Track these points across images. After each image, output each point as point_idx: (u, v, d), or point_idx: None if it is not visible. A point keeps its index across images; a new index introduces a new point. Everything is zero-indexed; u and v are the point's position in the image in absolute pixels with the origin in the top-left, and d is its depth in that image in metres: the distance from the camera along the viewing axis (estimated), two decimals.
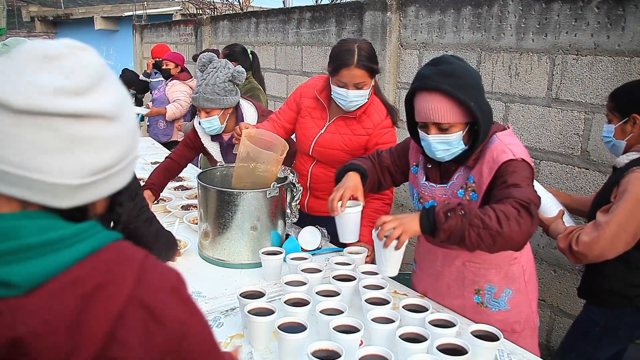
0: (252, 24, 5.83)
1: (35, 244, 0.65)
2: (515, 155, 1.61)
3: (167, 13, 12.60)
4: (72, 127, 0.67)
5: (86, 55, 0.72)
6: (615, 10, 2.56)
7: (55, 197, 0.68)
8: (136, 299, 0.68)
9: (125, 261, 0.70)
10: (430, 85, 1.59)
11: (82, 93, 0.68)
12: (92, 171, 0.70)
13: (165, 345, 0.69)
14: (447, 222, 1.46)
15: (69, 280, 0.65)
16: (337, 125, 2.39)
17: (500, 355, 1.58)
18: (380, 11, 3.95)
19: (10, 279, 0.62)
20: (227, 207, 2.08)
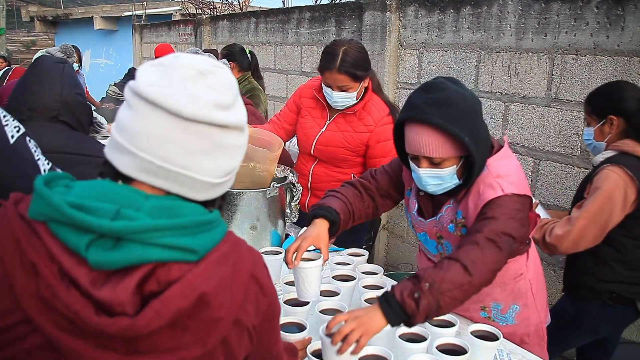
0: (251, 24, 5.83)
1: (203, 222, 0.79)
2: (505, 191, 1.46)
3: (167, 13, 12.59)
4: (220, 135, 0.81)
5: (226, 73, 0.85)
6: (615, 10, 2.56)
7: (196, 191, 0.82)
8: (253, 275, 0.85)
9: (241, 243, 0.87)
10: (421, 117, 1.43)
11: (229, 107, 0.82)
12: (225, 173, 0.85)
13: (267, 311, 0.87)
14: (420, 305, 1.28)
15: (220, 254, 0.80)
16: (338, 122, 2.39)
17: (500, 355, 1.58)
18: (379, 11, 3.95)
19: (194, 246, 0.76)
20: (226, 207, 2.08)
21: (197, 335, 0.76)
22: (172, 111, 0.77)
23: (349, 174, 2.45)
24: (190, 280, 0.75)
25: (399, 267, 3.95)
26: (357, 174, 2.46)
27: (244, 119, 0.85)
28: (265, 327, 0.88)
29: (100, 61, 14.28)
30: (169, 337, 0.75)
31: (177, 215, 0.77)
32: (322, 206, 1.68)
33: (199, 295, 0.75)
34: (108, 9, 14.10)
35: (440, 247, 1.71)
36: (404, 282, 1.34)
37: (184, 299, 0.74)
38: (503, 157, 1.56)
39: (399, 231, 4.03)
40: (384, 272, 1.98)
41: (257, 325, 0.86)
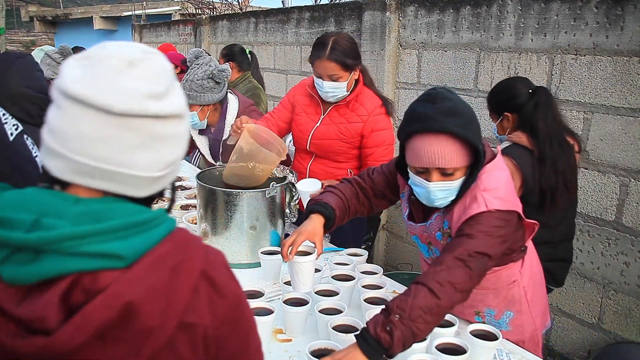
0: (251, 23, 5.83)
1: (134, 223, 0.73)
2: (488, 207, 1.44)
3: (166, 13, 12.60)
4: (156, 127, 0.76)
5: (158, 60, 0.80)
6: (614, 10, 2.56)
7: (137, 188, 0.78)
8: (205, 274, 0.79)
9: (192, 242, 0.81)
10: (436, 127, 1.39)
11: (163, 96, 0.77)
12: (167, 164, 0.80)
13: (225, 314, 0.81)
14: (394, 337, 1.28)
15: (158, 256, 0.74)
16: (331, 116, 2.42)
17: (499, 355, 1.58)
18: (379, 11, 3.95)
19: (119, 252, 0.71)
20: (226, 207, 2.08)
21: (130, 346, 0.71)
22: (101, 108, 0.72)
23: (345, 169, 2.46)
24: (116, 289, 0.69)
25: (398, 267, 3.96)
26: (354, 169, 2.47)
27: (182, 106, 0.80)
28: (225, 333, 0.81)
29: None
30: (100, 350, 0.70)
31: (106, 218, 0.72)
32: (319, 202, 1.71)
33: (125, 304, 0.69)
34: (107, 9, 14.10)
35: (430, 252, 1.71)
36: (377, 315, 1.34)
37: (107, 310, 0.68)
38: (494, 169, 1.53)
39: (399, 231, 4.04)
40: (383, 272, 1.98)
41: (217, 329, 0.80)
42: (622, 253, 2.67)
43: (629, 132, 2.57)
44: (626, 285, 2.66)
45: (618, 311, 2.72)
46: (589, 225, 2.79)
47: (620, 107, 2.59)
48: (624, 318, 2.70)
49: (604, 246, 2.74)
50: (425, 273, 1.39)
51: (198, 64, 2.68)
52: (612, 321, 2.75)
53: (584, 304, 2.87)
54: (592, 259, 2.79)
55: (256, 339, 0.91)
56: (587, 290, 2.84)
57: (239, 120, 2.38)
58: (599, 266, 2.77)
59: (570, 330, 2.95)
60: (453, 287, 1.35)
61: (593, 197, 2.76)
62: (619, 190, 2.65)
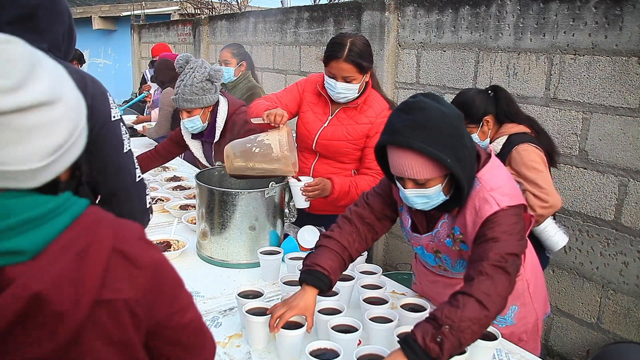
0: (250, 23, 5.83)
1: (32, 218, 0.76)
2: (500, 205, 1.46)
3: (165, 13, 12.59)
4: (19, 120, 0.75)
5: (13, 47, 0.77)
6: (613, 10, 2.57)
7: (22, 181, 0.78)
8: (116, 250, 0.83)
9: (101, 221, 0.84)
10: (402, 142, 1.41)
11: (18, 87, 0.74)
12: (48, 152, 0.78)
13: (146, 282, 0.86)
14: (444, 348, 1.29)
15: (64, 243, 0.78)
16: (340, 117, 2.40)
17: (499, 355, 1.59)
18: (378, 11, 3.95)
19: (20, 247, 0.74)
20: (225, 207, 2.08)
21: (45, 330, 0.77)
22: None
23: (349, 170, 2.45)
24: (22, 282, 0.74)
25: (397, 266, 3.96)
26: (358, 170, 2.46)
27: (46, 92, 0.77)
28: (151, 298, 0.87)
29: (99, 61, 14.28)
30: (22, 336, 0.76)
31: (4, 216, 0.75)
32: (311, 270, 1.60)
33: (32, 295, 0.74)
34: (106, 9, 14.09)
35: (438, 260, 1.71)
36: (424, 325, 1.33)
37: (17, 301, 0.74)
38: (492, 168, 1.55)
39: (398, 231, 4.04)
40: (382, 272, 1.98)
41: (141, 299, 0.85)
42: (621, 253, 2.67)
43: (627, 132, 2.57)
44: (625, 285, 2.67)
45: (617, 311, 2.72)
46: (587, 225, 2.79)
47: (619, 107, 2.59)
48: (623, 318, 2.70)
49: (603, 246, 2.74)
50: (469, 284, 1.39)
51: (192, 68, 2.67)
52: (611, 321, 2.75)
53: (583, 304, 2.88)
54: (591, 259, 2.80)
55: (185, 296, 0.96)
56: (586, 290, 2.85)
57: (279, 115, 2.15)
58: (598, 266, 2.77)
59: (569, 330, 2.95)
60: (499, 296, 1.36)
61: (592, 197, 2.76)
62: (617, 190, 2.65)
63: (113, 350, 0.85)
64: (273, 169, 2.12)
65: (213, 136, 2.78)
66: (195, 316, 0.99)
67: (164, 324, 0.91)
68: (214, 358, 1.06)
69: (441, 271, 1.77)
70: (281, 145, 2.08)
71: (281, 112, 2.16)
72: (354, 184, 2.32)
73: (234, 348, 1.59)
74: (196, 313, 0.99)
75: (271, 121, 2.14)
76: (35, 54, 0.80)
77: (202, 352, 1.01)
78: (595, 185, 2.74)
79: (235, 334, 1.66)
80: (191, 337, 0.97)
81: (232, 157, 2.14)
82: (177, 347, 0.96)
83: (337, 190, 2.28)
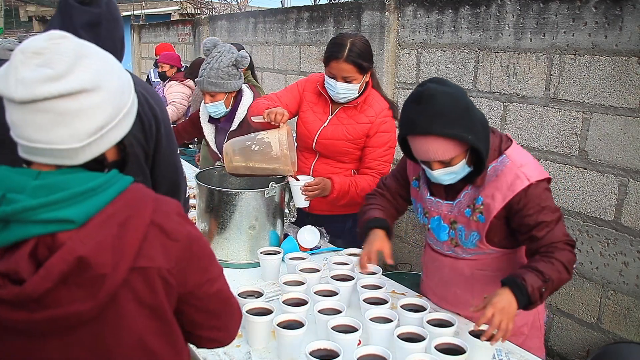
0: (250, 23, 5.83)
1: (81, 192, 0.88)
2: (530, 179, 1.60)
3: (165, 13, 12.60)
4: (63, 105, 0.86)
5: (64, 42, 0.90)
6: (613, 10, 2.57)
7: (67, 159, 0.91)
8: (154, 224, 0.93)
9: (143, 198, 0.95)
10: (421, 131, 1.53)
11: (64, 76, 0.86)
12: (88, 134, 0.90)
13: (179, 254, 0.96)
14: (542, 297, 1.55)
15: (107, 215, 0.89)
16: (340, 117, 2.40)
17: (498, 355, 1.59)
18: (378, 11, 3.95)
19: (70, 217, 0.86)
20: (225, 207, 2.08)
21: (87, 290, 0.87)
22: (8, 99, 0.86)
23: (349, 169, 2.45)
24: (69, 246, 0.85)
25: (397, 267, 3.96)
26: (358, 170, 2.46)
27: (89, 80, 0.88)
28: (183, 269, 0.97)
29: None
30: (65, 293, 0.87)
31: (59, 189, 0.87)
32: (370, 219, 1.89)
33: (77, 258, 0.85)
34: None
35: (452, 232, 1.76)
36: (532, 276, 1.54)
37: (64, 263, 0.84)
38: (517, 147, 1.70)
39: (398, 231, 4.04)
40: (382, 272, 1.98)
41: (173, 268, 0.95)
42: (621, 253, 2.67)
43: (627, 132, 2.57)
44: (625, 285, 2.67)
45: (617, 311, 2.72)
46: (587, 225, 2.79)
47: (619, 107, 2.59)
48: (622, 318, 2.70)
49: (603, 246, 2.74)
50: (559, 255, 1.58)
51: (219, 52, 2.67)
52: (611, 321, 2.75)
53: (582, 304, 2.88)
54: (591, 259, 2.80)
55: (216, 268, 1.07)
56: (586, 290, 2.85)
57: (279, 114, 2.16)
58: (597, 266, 2.77)
59: (569, 330, 2.95)
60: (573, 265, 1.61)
61: (592, 197, 2.76)
62: (617, 190, 2.65)
63: (145, 312, 0.95)
64: (272, 168, 2.12)
65: (230, 124, 2.78)
66: (223, 287, 1.09)
67: (193, 292, 1.01)
68: (239, 325, 1.17)
69: (451, 248, 1.80)
70: (281, 144, 2.08)
71: (282, 111, 2.16)
72: (354, 184, 2.33)
73: (234, 348, 1.59)
74: (224, 285, 1.10)
75: (272, 120, 2.14)
76: (85, 48, 0.92)
77: (228, 319, 1.12)
78: (595, 185, 2.74)
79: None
80: (218, 305, 1.08)
81: (231, 155, 2.14)
82: (205, 314, 1.06)
83: (336, 189, 2.28)
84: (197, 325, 1.07)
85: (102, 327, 0.92)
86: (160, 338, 0.99)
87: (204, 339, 1.11)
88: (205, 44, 2.71)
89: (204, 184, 2.15)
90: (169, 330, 1.00)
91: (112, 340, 0.93)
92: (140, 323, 0.95)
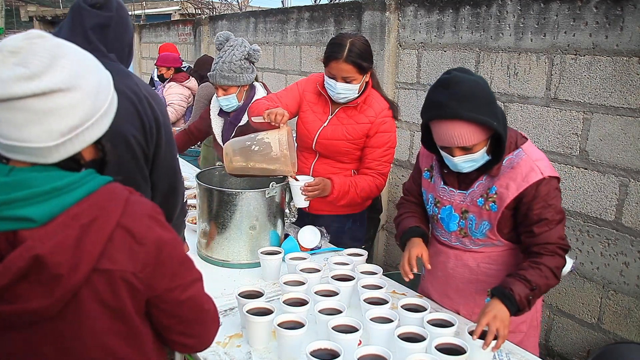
0: (250, 23, 5.83)
1: (46, 191, 0.89)
2: (544, 173, 1.65)
3: (166, 13, 12.61)
4: (38, 103, 0.87)
5: (40, 42, 0.90)
6: (614, 10, 2.56)
7: (40, 157, 0.91)
8: (121, 226, 0.93)
9: (113, 199, 0.95)
10: (450, 114, 1.55)
11: (40, 75, 0.87)
12: (61, 133, 0.91)
13: (146, 259, 0.95)
14: (530, 304, 1.60)
15: (72, 215, 0.90)
16: (339, 117, 2.40)
17: (499, 355, 1.59)
18: (378, 11, 3.95)
19: (31, 216, 0.87)
20: (225, 207, 2.08)
21: (44, 288, 0.89)
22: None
23: (349, 169, 2.45)
24: (28, 245, 0.87)
25: (398, 266, 3.95)
26: (358, 170, 2.46)
27: (66, 79, 0.89)
28: (150, 272, 0.97)
29: None
30: (26, 289, 0.89)
31: (26, 187, 0.89)
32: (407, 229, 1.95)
33: (33, 257, 0.86)
34: None
35: (462, 222, 1.79)
36: (518, 285, 1.58)
37: (20, 260, 0.86)
38: (533, 147, 1.75)
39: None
40: (383, 272, 1.99)
41: (140, 272, 0.95)
42: (621, 253, 2.67)
43: (628, 132, 2.57)
44: (626, 286, 2.66)
45: (617, 311, 2.72)
46: (588, 226, 2.79)
47: (620, 107, 2.59)
48: (623, 318, 2.70)
49: (604, 246, 2.74)
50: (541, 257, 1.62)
51: (231, 46, 2.67)
52: (612, 321, 2.75)
53: (583, 304, 2.87)
54: (591, 259, 2.80)
55: (188, 275, 1.06)
56: (587, 291, 2.84)
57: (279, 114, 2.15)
58: (598, 266, 2.77)
59: (570, 330, 2.95)
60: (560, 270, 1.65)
61: (592, 197, 2.76)
62: (618, 190, 2.65)
63: (108, 314, 0.95)
64: (272, 169, 2.12)
65: (240, 118, 2.78)
66: (196, 294, 1.07)
67: (162, 297, 1.01)
68: (215, 333, 1.16)
69: (459, 239, 1.82)
70: (281, 144, 2.08)
71: (282, 111, 2.15)
72: (354, 184, 2.33)
73: (234, 348, 1.59)
74: (199, 292, 1.08)
75: (272, 120, 2.13)
76: (62, 48, 0.92)
77: (200, 327, 1.10)
78: (595, 186, 2.74)
79: (235, 334, 1.66)
80: (189, 313, 1.07)
81: (231, 155, 2.13)
82: (175, 319, 1.05)
83: (336, 190, 2.28)
84: (166, 329, 1.07)
85: (64, 324, 0.94)
86: (123, 340, 0.99)
87: (175, 343, 1.10)
88: (217, 37, 2.72)
89: (204, 184, 2.15)
90: (132, 332, 1.00)
91: (73, 338, 0.95)
92: (102, 324, 0.95)
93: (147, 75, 9.07)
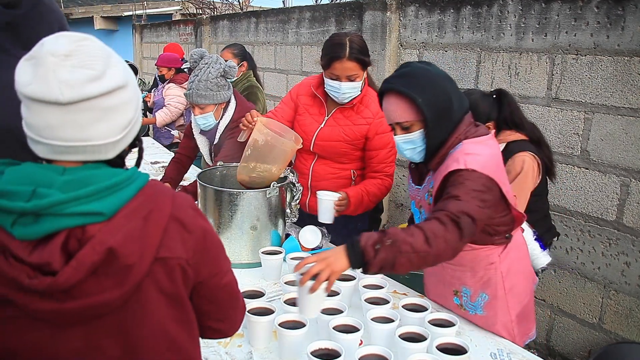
0: (251, 23, 5.83)
1: (109, 186, 0.92)
2: (466, 166, 1.53)
3: (167, 13, 12.61)
4: (103, 102, 0.91)
5: (92, 43, 0.94)
6: (615, 10, 2.56)
7: (104, 153, 0.95)
8: (173, 217, 0.98)
9: (162, 192, 1.00)
10: (386, 87, 1.66)
11: (102, 76, 0.90)
12: (123, 127, 0.96)
13: (195, 246, 1.01)
14: (377, 255, 1.40)
15: (132, 208, 0.94)
16: (336, 118, 2.40)
17: (500, 355, 1.59)
18: (380, 11, 3.95)
19: (100, 210, 0.90)
20: (226, 207, 2.08)
21: (114, 280, 0.91)
22: (54, 102, 0.87)
23: (348, 169, 2.45)
24: (99, 238, 0.89)
25: None
26: (357, 170, 2.46)
27: (122, 76, 0.94)
28: (198, 259, 1.02)
29: None
30: (93, 284, 0.90)
31: (86, 184, 0.91)
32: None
33: (107, 249, 0.89)
34: (108, 9, 14.10)
35: (421, 218, 1.79)
36: (372, 233, 1.45)
37: (95, 254, 0.88)
38: (479, 143, 1.63)
39: None
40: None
41: (190, 259, 1.00)
42: (622, 253, 2.66)
43: (629, 132, 2.57)
44: (627, 286, 2.66)
45: (619, 311, 2.72)
46: (589, 226, 2.79)
47: (621, 107, 2.59)
48: (624, 318, 2.70)
49: (605, 246, 2.74)
50: (426, 222, 1.48)
51: (206, 63, 2.63)
52: (613, 321, 2.75)
53: (584, 304, 2.87)
54: (592, 259, 2.79)
55: (226, 262, 1.13)
56: (588, 291, 2.84)
57: (249, 114, 2.32)
58: (599, 266, 2.77)
59: (571, 330, 2.95)
60: (445, 242, 1.44)
61: (594, 197, 2.76)
62: (619, 190, 2.65)
63: (165, 300, 0.99)
64: (277, 156, 2.14)
65: (214, 136, 2.76)
66: (232, 281, 1.15)
67: (205, 283, 1.06)
68: (243, 318, 1.22)
69: None
70: (260, 131, 2.15)
71: (255, 113, 2.30)
72: (366, 192, 2.34)
73: (235, 348, 1.59)
74: (233, 278, 1.15)
75: (246, 126, 2.29)
76: (105, 47, 0.96)
77: (234, 311, 1.18)
78: (597, 186, 2.74)
79: (236, 334, 1.66)
80: (226, 298, 1.14)
81: (243, 175, 2.21)
82: (214, 305, 1.11)
83: (352, 203, 2.30)
84: (205, 315, 1.11)
85: (126, 315, 0.96)
86: (179, 325, 1.03)
87: (209, 329, 1.15)
88: (191, 55, 2.67)
89: (205, 184, 2.15)
90: (186, 318, 1.05)
91: (135, 328, 0.97)
92: (162, 311, 1.00)
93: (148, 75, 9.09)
